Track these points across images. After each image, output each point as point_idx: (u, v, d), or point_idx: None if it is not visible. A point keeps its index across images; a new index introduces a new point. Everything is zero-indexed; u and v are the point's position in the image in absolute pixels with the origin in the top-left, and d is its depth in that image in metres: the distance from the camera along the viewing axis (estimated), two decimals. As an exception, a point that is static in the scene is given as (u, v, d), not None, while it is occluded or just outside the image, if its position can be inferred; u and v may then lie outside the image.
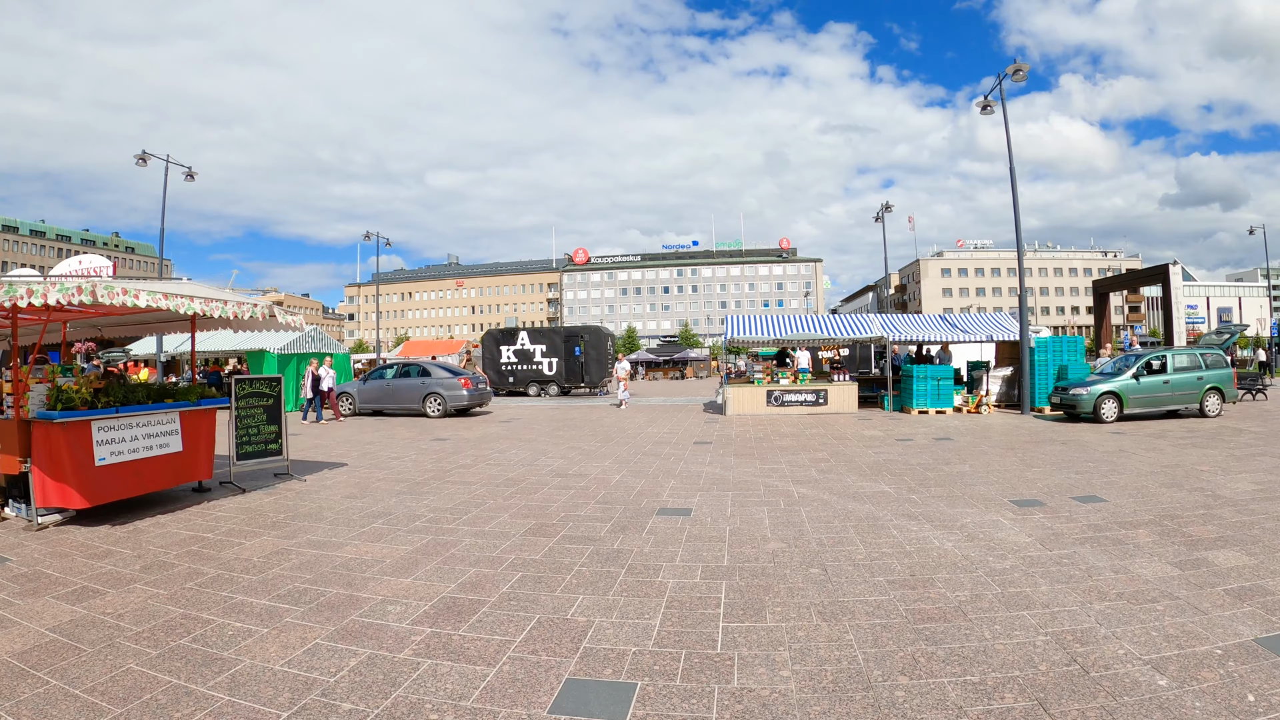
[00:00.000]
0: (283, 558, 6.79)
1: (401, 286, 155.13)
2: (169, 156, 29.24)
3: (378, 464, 12.64)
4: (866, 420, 19.43)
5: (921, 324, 24.18)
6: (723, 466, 11.81)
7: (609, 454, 13.45)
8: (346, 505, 9.13)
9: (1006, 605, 5.22)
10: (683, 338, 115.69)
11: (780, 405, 21.85)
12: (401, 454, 13.84)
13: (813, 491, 9.60)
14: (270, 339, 26.40)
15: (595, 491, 9.75)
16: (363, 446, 15.15)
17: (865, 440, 15.03)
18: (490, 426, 19.20)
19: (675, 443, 15.01)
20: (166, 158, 29.25)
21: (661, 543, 7.07)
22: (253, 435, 11.07)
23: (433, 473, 11.53)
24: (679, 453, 13.49)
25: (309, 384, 21.80)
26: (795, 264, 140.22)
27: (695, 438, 15.92)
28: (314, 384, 21.79)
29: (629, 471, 11.37)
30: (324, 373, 22.22)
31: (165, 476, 9.47)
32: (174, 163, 29.50)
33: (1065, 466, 11.25)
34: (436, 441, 15.76)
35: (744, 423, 19.24)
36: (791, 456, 12.83)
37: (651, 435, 16.54)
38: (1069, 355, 22.09)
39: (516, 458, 13.07)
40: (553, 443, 15.30)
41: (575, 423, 20.09)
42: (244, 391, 11.04)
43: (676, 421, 20.03)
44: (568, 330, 36.13)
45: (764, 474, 11.04)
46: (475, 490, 9.94)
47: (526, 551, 6.80)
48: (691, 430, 17.53)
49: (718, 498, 9.24)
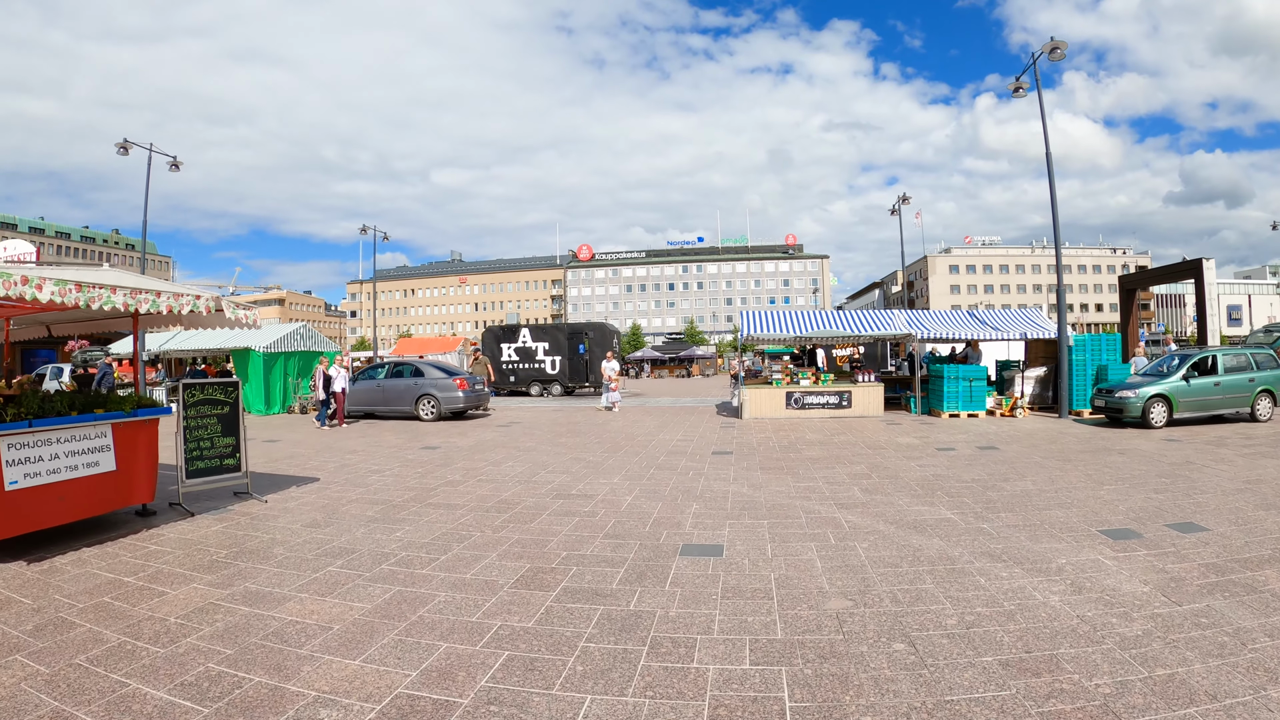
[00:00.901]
0: (207, 617, 5.26)
1: (404, 284, 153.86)
2: (152, 146, 27.83)
3: (354, 479, 11.09)
4: (896, 425, 17.88)
5: (949, 320, 22.57)
6: (750, 484, 10.24)
7: (618, 467, 11.89)
8: (305, 537, 7.57)
9: (1166, 700, 3.80)
10: (688, 335, 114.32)
11: (800, 408, 20.29)
12: (383, 466, 12.29)
13: (863, 519, 8.03)
14: (255, 337, 24.88)
15: (603, 519, 8.18)
16: (342, 456, 13.60)
17: (902, 450, 13.47)
18: (486, 432, 17.65)
19: (691, 453, 13.44)
20: (150, 147, 27.83)
21: (691, 599, 5.50)
22: (205, 449, 9.52)
23: (415, 492, 9.97)
24: (697, 466, 11.92)
25: (320, 384, 19.80)
26: (801, 260, 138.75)
27: (713, 446, 14.36)
28: (325, 384, 19.85)
29: (642, 491, 9.79)
30: (335, 372, 20.23)
31: (96, 500, 7.94)
32: (158, 152, 28.07)
33: (1138, 483, 9.79)
34: (425, 451, 14.21)
35: (763, 428, 17.68)
36: (826, 471, 11.27)
37: (664, 443, 14.98)
38: (1107, 354, 20.53)
39: (512, 472, 11.50)
40: (554, 452, 13.74)
41: (579, 427, 18.53)
42: (194, 398, 9.48)
43: (690, 426, 18.47)
44: (571, 327, 34.58)
45: (800, 494, 9.48)
46: (461, 517, 8.37)
47: (516, 615, 5.23)
48: (707, 437, 15.97)
49: (751, 529, 7.67)
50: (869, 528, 7.65)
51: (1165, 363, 18.29)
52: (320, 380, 19.82)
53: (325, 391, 19.74)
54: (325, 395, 19.73)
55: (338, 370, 20.34)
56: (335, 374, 20.11)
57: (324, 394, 19.73)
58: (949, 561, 6.38)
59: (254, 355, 23.85)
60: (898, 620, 5.02)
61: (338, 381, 20.06)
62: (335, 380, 20.01)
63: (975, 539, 7.12)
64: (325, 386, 19.77)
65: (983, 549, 6.76)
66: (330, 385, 19.87)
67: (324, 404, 19.74)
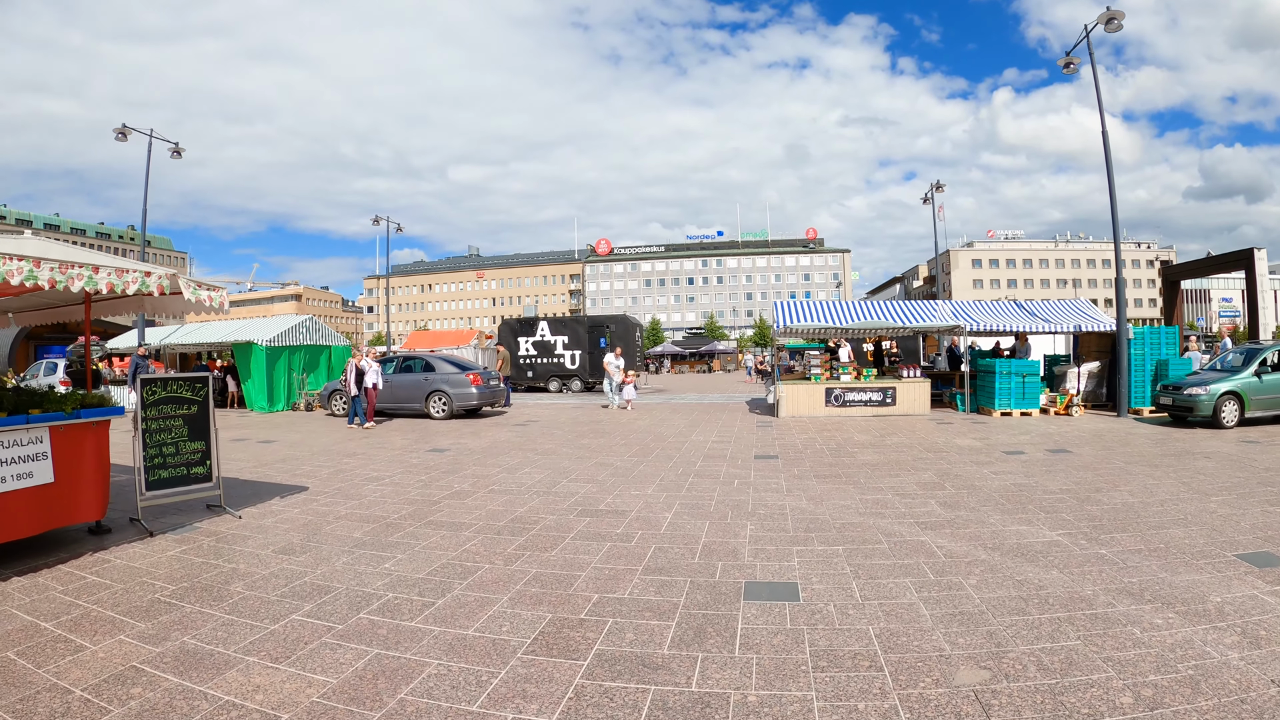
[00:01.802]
0: (122, 690, 3.87)
1: (421, 279, 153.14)
2: (152, 132, 26.53)
3: (348, 489, 9.64)
4: (948, 425, 16.35)
5: (996, 311, 20.95)
6: (808, 497, 8.72)
7: (650, 474, 10.39)
8: (273, 568, 6.11)
9: None
10: (708, 330, 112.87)
11: (841, 405, 18.75)
12: (384, 473, 10.84)
13: (957, 544, 6.51)
14: (258, 329, 23.55)
15: (641, 545, 6.67)
16: (339, 461, 12.17)
17: (966, 454, 11.97)
18: (501, 432, 16.20)
19: (731, 457, 11.93)
20: (150, 133, 26.53)
21: (774, 673, 3.98)
22: (169, 456, 8.10)
23: (415, 506, 8.50)
24: (741, 473, 10.40)
25: (352, 380, 17.89)
26: (822, 255, 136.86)
27: (754, 449, 12.85)
28: (358, 380, 17.91)
29: (684, 506, 8.28)
30: (368, 365, 18.34)
31: (30, 518, 6.52)
32: (159, 138, 26.77)
33: (1244, 493, 8.51)
34: (433, 454, 12.76)
35: (804, 427, 16.14)
36: (891, 479, 9.75)
37: (698, 445, 13.47)
38: (1166, 349, 18.92)
39: (530, 480, 10.01)
40: (577, 456, 12.25)
41: (603, 427, 17.04)
42: (155, 396, 8.06)
43: (723, 426, 16.95)
44: (592, 320, 33.11)
45: (870, 510, 7.96)
46: (466, 542, 6.88)
47: (534, 701, 3.72)
48: (745, 438, 14.45)
49: (826, 559, 6.15)
50: (968, 555, 6.14)
51: (1238, 356, 16.72)
52: (352, 375, 17.92)
53: (357, 387, 17.85)
54: (357, 391, 17.82)
55: (370, 365, 18.44)
56: (368, 368, 18.22)
57: (355, 390, 17.82)
58: (1084, 604, 4.91)
59: (256, 349, 22.50)
60: (1059, 701, 3.57)
61: (370, 376, 18.16)
62: (368, 375, 18.12)
63: (1101, 569, 5.66)
64: (357, 382, 17.89)
65: (1116, 584, 5.31)
66: (363, 380, 18.00)
67: (354, 401, 17.85)
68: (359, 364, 18.16)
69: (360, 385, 17.89)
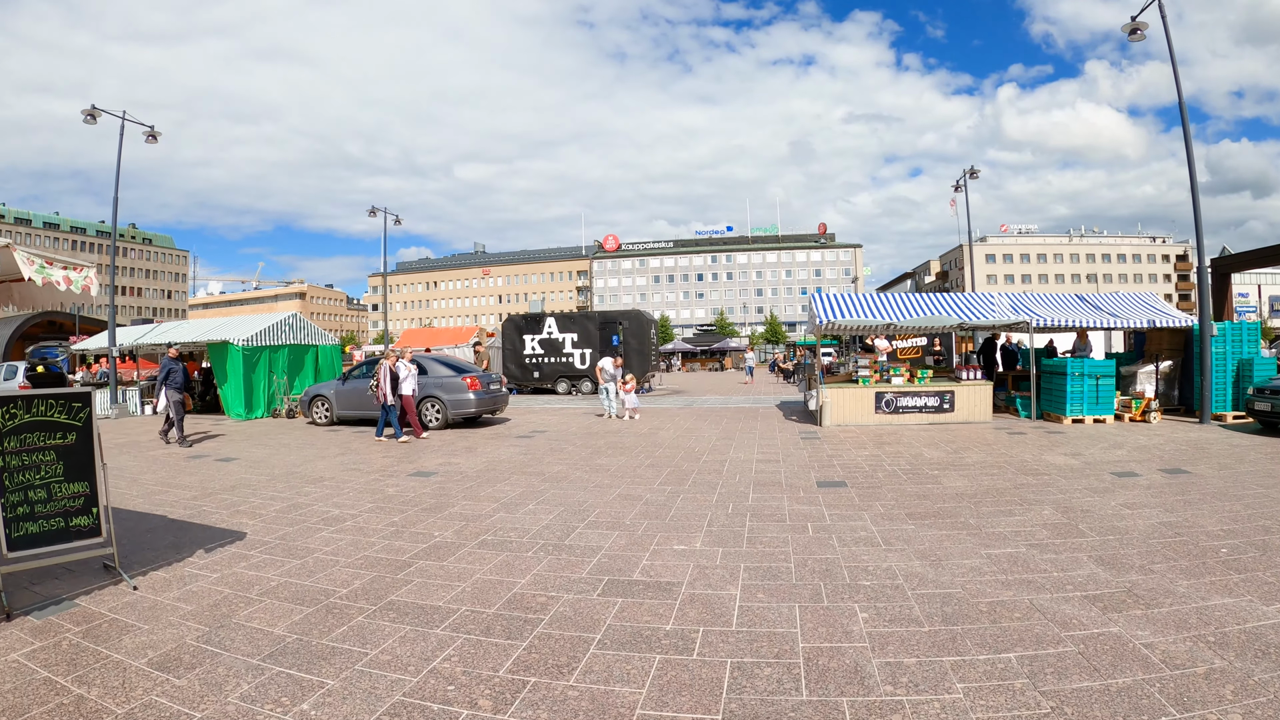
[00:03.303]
0: None
1: (426, 276, 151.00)
2: (125, 114, 24.30)
3: (295, 537, 7.31)
4: (1020, 435, 14.08)
5: (1058, 304, 18.51)
6: (916, 551, 6.36)
7: (693, 512, 8.03)
8: (134, 705, 3.80)
9: None
10: (719, 326, 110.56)
11: (893, 412, 16.38)
12: (349, 509, 8.51)
13: (1164, 636, 4.32)
14: (235, 327, 21.25)
15: (709, 659, 4.27)
16: (300, 489, 9.84)
17: (1068, 476, 9.81)
18: (502, 446, 13.85)
19: (789, 484, 9.55)
20: (123, 115, 24.29)
21: None
22: (38, 502, 5.78)
23: (376, 571, 6.14)
24: (810, 511, 8.02)
25: (386, 385, 15.06)
26: (834, 250, 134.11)
27: (811, 471, 10.48)
28: (393, 385, 15.16)
29: (753, 573, 5.88)
30: (403, 369, 15.59)
31: None
32: (131, 120, 24.53)
33: None
34: (416, 479, 10.43)
35: (858, 440, 13.79)
36: (1006, 520, 7.46)
37: (741, 466, 11.12)
38: (1249, 347, 16.62)
39: (535, 524, 7.63)
40: (594, 484, 9.87)
41: (622, 440, 14.63)
42: (13, 422, 5.74)
43: (762, 437, 14.58)
44: (603, 316, 30.66)
45: (1011, 575, 5.62)
46: (437, 652, 4.47)
47: None
48: (794, 455, 12.09)
49: (1000, 679, 3.82)
50: (1197, 660, 3.96)
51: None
52: (386, 379, 15.04)
53: (393, 394, 15.13)
54: (392, 399, 15.08)
55: (406, 367, 15.73)
56: (404, 371, 15.56)
57: (391, 396, 15.06)
58: None
59: (232, 350, 20.19)
60: None
61: (408, 382, 15.54)
62: (405, 380, 15.48)
63: None
64: (392, 388, 15.14)
65: None
66: (399, 386, 15.34)
67: (387, 410, 15.10)
68: (393, 366, 15.39)
69: (395, 392, 15.16)
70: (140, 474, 11.59)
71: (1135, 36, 17.84)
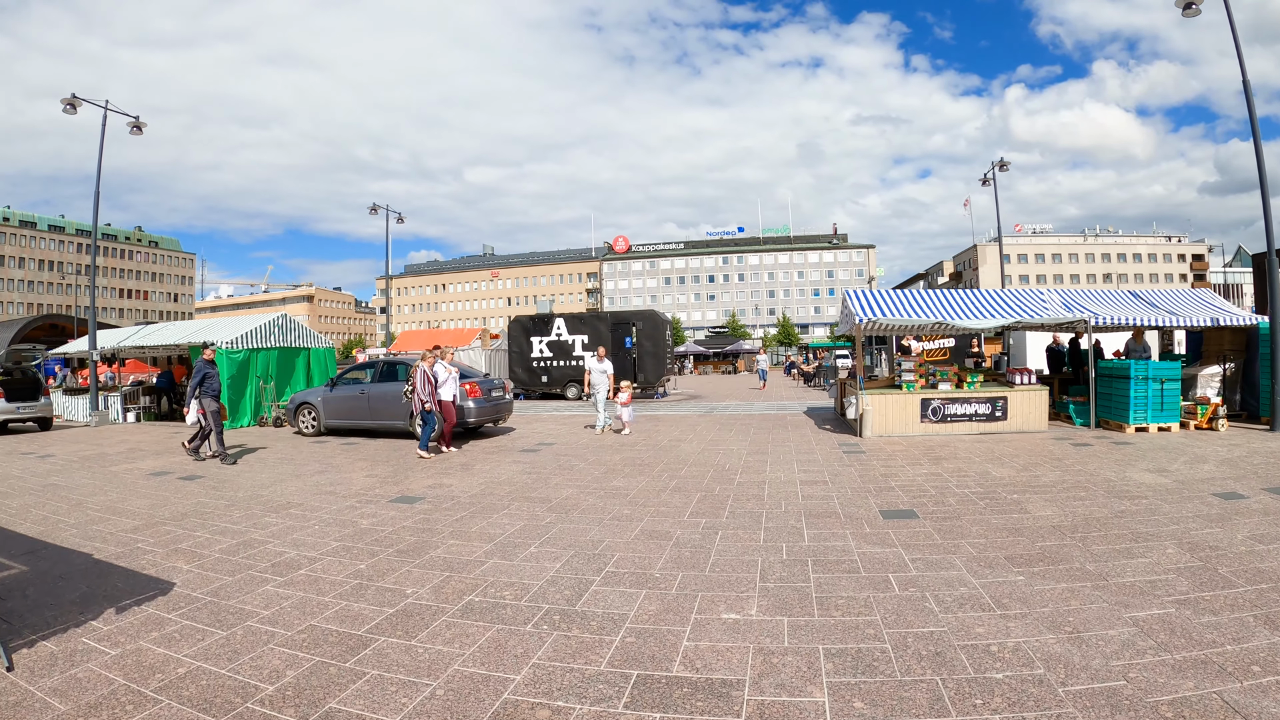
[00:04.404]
0: None
1: (434, 279, 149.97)
2: (107, 104, 22.85)
3: (232, 592, 5.69)
4: (1087, 447, 12.52)
5: (1109, 301, 16.80)
6: (1042, 618, 4.72)
7: (738, 559, 6.34)
8: None
9: None
10: (731, 328, 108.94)
11: (940, 420, 14.68)
12: (307, 550, 6.86)
13: None
14: (220, 330, 19.69)
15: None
16: (258, 520, 8.22)
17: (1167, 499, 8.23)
18: (503, 463, 12.18)
19: (847, 515, 7.86)
20: (105, 105, 22.84)
21: None
22: None
23: (321, 651, 4.51)
24: (886, 556, 6.32)
25: (422, 390, 13.07)
26: (846, 250, 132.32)
27: (869, 496, 8.79)
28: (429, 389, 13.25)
29: (838, 661, 4.20)
30: (443, 371, 13.87)
31: None
32: (114, 110, 23.08)
33: None
34: (399, 506, 8.79)
35: (909, 455, 12.11)
36: (1125, 563, 5.89)
37: (785, 490, 9.43)
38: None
39: (538, 577, 5.91)
40: (611, 515, 8.14)
41: (639, 455, 12.92)
42: None
43: (799, 451, 12.91)
44: (615, 316, 28.96)
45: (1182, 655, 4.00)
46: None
47: None
48: (843, 475, 10.40)
49: None
50: None
51: None
52: (422, 384, 13.11)
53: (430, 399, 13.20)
54: (432, 405, 13.15)
55: (446, 369, 14.02)
56: (443, 374, 13.86)
57: (430, 403, 13.13)
58: None
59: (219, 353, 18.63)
60: None
61: (449, 387, 13.91)
62: (446, 384, 13.84)
63: None
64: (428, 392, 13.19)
65: None
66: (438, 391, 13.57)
67: (426, 418, 13.17)
68: (431, 369, 13.52)
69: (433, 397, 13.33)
70: (89, 496, 10.04)
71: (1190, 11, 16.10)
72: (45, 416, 19.94)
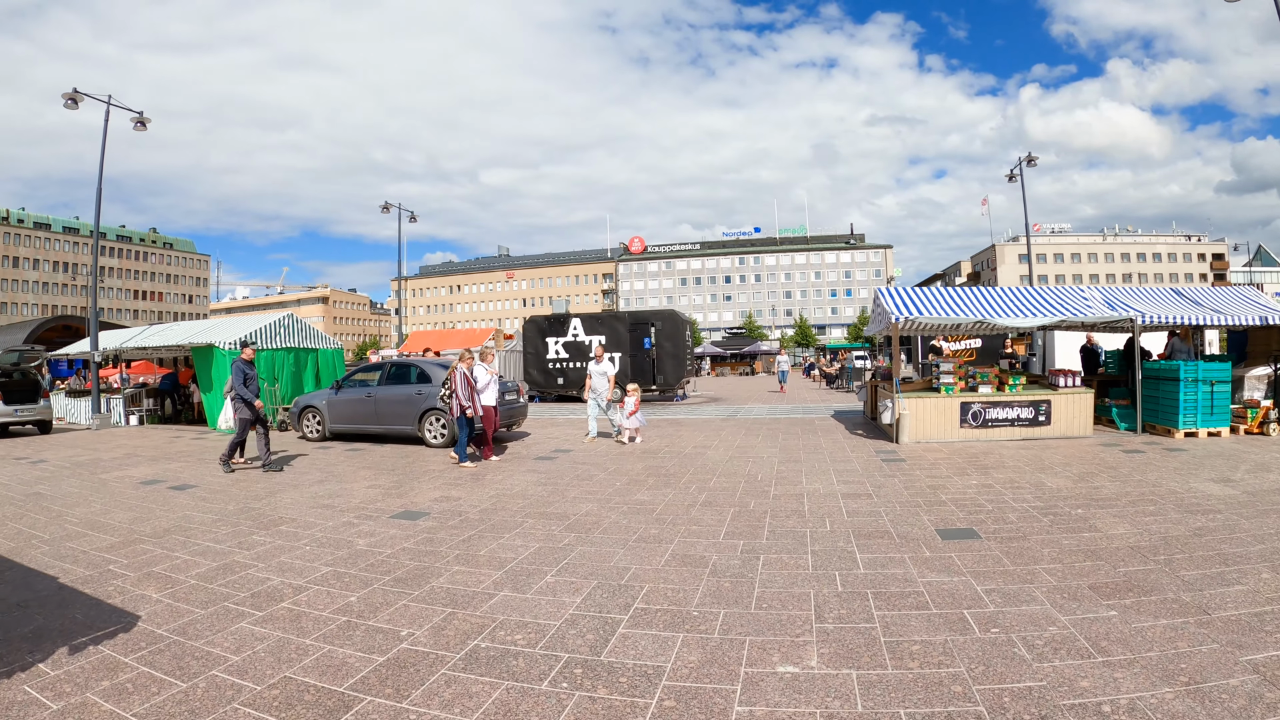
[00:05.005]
0: None
1: (450, 280, 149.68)
2: (110, 98, 22.33)
3: (201, 630, 4.90)
4: (1139, 455, 11.60)
5: (1152, 299, 15.83)
6: (1150, 665, 3.91)
7: (789, 594, 5.48)
8: None
9: None
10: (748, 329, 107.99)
11: (981, 425, 13.78)
12: (294, 576, 6.07)
13: None
14: (224, 330, 18.98)
15: None
16: (244, 539, 7.43)
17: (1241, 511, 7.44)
18: (516, 473, 11.30)
19: (900, 534, 6.98)
20: (108, 99, 22.32)
21: None
22: None
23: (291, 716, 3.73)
24: (954, 584, 5.45)
25: (462, 392, 12.00)
26: (864, 251, 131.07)
27: (920, 512, 7.89)
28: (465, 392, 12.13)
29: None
30: (483, 373, 12.66)
31: None
32: (117, 105, 22.52)
33: None
34: (400, 523, 7.98)
35: (951, 462, 11.23)
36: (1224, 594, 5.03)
37: (824, 502, 8.57)
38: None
39: (554, 615, 5.11)
40: (637, 537, 7.29)
41: (663, 464, 12.02)
42: None
43: (832, 458, 12.03)
44: (634, 316, 28.08)
45: None
46: None
47: None
48: (883, 484, 9.53)
49: None
50: None
51: None
52: (461, 386, 12.00)
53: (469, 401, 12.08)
54: (471, 408, 12.05)
55: (486, 371, 12.84)
56: (483, 376, 12.64)
57: (470, 406, 12.03)
58: None
59: (218, 354, 17.92)
60: None
61: (490, 390, 12.74)
62: (487, 389, 12.65)
63: None
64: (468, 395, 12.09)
65: None
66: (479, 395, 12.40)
67: (466, 425, 12.08)
68: (470, 369, 12.37)
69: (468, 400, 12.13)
70: (72, 507, 9.33)
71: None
72: (44, 419, 19.31)
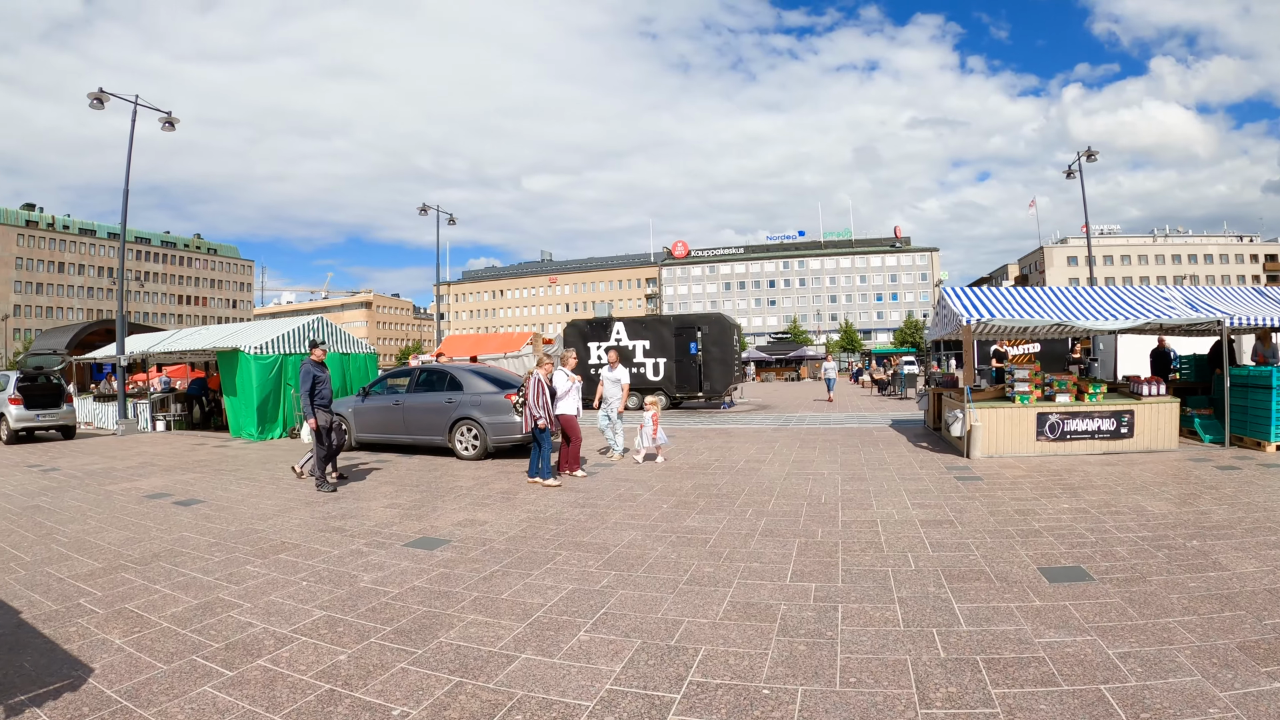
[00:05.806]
0: None
1: (492, 285, 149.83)
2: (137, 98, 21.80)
3: (157, 695, 3.96)
4: (1235, 472, 10.38)
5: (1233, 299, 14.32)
6: None
7: (881, 663, 4.36)
8: None
9: None
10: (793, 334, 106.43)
11: (1059, 438, 12.52)
12: (281, 621, 5.11)
13: None
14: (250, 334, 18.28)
15: None
16: (240, 564, 6.53)
17: None
18: (551, 492, 10.20)
19: (998, 574, 5.80)
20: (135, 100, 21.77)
21: None
22: None
23: None
24: (1078, 645, 4.25)
25: (536, 402, 10.73)
26: (909, 254, 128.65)
27: (1012, 542, 6.68)
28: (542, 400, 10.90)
29: None
30: (563, 380, 11.64)
31: None
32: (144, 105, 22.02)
33: None
34: (415, 553, 7.00)
35: (1033, 480, 10.00)
36: None
37: (900, 531, 7.42)
38: None
39: (587, 690, 4.09)
40: (686, 573, 6.24)
41: (714, 480, 10.92)
42: None
43: (901, 476, 10.83)
44: (680, 320, 26.96)
45: None
46: None
47: None
48: (963, 509, 8.36)
49: None
50: None
51: None
52: (535, 395, 10.75)
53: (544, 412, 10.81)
54: (545, 421, 10.78)
55: (568, 378, 11.77)
56: (564, 383, 11.62)
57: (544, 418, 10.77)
58: None
59: (243, 359, 17.22)
60: None
61: (570, 399, 11.64)
62: (567, 395, 11.61)
63: None
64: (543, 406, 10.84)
65: None
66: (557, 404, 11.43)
67: (540, 436, 10.80)
68: (548, 376, 11.30)
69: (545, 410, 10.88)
70: (66, 523, 8.60)
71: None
72: (67, 424, 18.85)
